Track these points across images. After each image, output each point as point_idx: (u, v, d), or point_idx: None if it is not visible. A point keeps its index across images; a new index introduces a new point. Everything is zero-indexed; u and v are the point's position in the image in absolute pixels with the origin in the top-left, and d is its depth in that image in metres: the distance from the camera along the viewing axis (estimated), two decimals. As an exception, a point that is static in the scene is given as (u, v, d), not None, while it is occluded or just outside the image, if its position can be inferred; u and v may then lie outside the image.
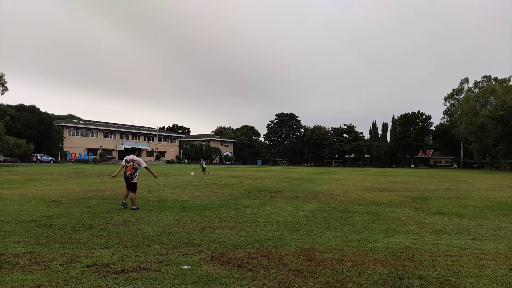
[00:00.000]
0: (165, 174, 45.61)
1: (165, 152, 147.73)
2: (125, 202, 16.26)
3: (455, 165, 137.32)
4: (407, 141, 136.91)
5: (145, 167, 16.56)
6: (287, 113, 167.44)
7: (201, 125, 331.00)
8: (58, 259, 7.57)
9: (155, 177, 17.72)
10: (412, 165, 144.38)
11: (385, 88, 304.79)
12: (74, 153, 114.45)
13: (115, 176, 16.57)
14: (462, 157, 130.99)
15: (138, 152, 17.17)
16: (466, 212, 16.28)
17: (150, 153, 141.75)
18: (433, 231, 11.86)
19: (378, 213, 15.58)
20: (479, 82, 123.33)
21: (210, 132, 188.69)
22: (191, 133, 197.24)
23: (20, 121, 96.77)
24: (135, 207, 15.88)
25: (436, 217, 14.67)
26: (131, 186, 16.22)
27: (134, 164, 16.28)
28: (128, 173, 16.18)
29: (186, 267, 7.19)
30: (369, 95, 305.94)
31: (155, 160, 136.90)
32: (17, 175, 37.49)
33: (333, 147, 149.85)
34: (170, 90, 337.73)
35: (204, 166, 49.14)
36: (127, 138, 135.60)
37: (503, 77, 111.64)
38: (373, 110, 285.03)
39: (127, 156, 16.52)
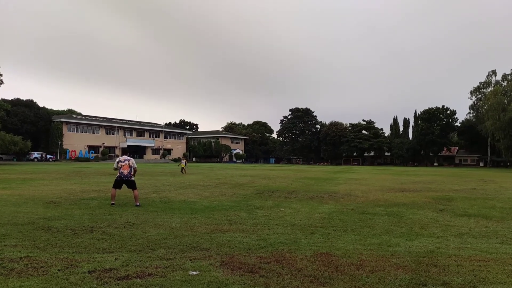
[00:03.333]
0: (172, 173, 45.75)
1: (172, 149, 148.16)
2: (114, 202, 17.05)
3: (481, 164, 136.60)
4: (430, 138, 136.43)
5: (135, 168, 17.70)
6: (302, 108, 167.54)
7: (210, 121, 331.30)
8: (57, 264, 7.57)
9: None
10: (435, 164, 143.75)
11: (407, 81, 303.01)
12: (74, 151, 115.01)
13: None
14: (489, 155, 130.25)
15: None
16: (493, 213, 16.20)
17: (155, 151, 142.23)
18: (458, 234, 11.81)
19: (399, 215, 15.55)
20: (508, 75, 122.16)
21: (219, 128, 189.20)
22: (199, 129, 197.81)
23: (17, 116, 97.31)
24: (138, 204, 16.84)
25: (461, 219, 14.61)
26: (131, 184, 17.27)
27: (130, 163, 17.37)
28: (126, 171, 17.21)
29: (194, 272, 7.18)
30: (390, 89, 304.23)
31: (161, 158, 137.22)
32: (13, 174, 37.75)
33: (351, 144, 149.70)
34: (177, 84, 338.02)
35: (183, 165, 49.24)
36: (131, 135, 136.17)
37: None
38: (393, 105, 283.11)
39: (120, 157, 17.75)
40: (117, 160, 17.62)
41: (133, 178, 17.35)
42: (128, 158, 17.60)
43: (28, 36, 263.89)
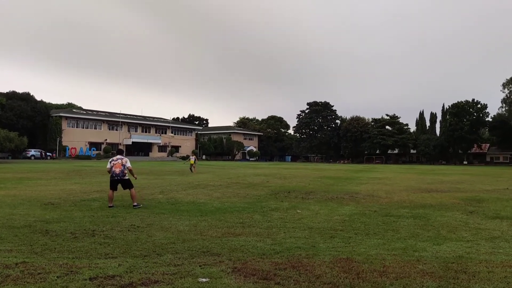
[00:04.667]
0: (180, 173, 45.84)
1: (180, 146, 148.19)
2: (112, 205, 17.10)
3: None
4: (459, 134, 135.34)
5: (129, 167, 17.78)
6: (320, 102, 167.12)
7: (221, 116, 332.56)
8: (56, 271, 7.58)
9: (135, 178, 18.75)
10: (465, 162, 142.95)
11: (434, 72, 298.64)
12: (75, 148, 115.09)
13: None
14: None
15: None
16: (529, 216, 16.12)
17: (162, 148, 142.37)
18: (490, 238, 11.77)
19: (425, 217, 15.51)
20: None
21: (231, 124, 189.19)
22: (209, 125, 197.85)
23: (12, 110, 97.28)
24: (136, 204, 16.97)
25: (493, 222, 14.55)
26: (126, 183, 17.52)
27: (123, 161, 17.60)
28: (118, 170, 17.43)
29: (204, 279, 7.18)
30: (415, 81, 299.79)
31: (168, 156, 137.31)
32: (8, 173, 37.92)
33: (373, 141, 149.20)
34: (185, 76, 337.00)
35: (192, 161, 48.95)
36: (136, 131, 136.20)
37: None
38: (420, 98, 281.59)
39: (113, 157, 18.11)
40: (110, 160, 17.96)
41: (127, 177, 17.53)
42: (121, 157, 17.87)
43: (24, 24, 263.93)
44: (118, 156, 17.82)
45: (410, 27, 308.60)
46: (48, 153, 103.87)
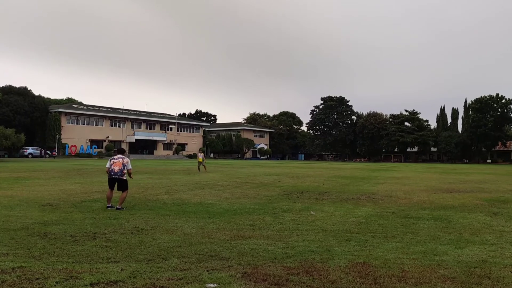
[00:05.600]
0: (186, 172, 45.88)
1: (186, 144, 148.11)
2: (110, 205, 17.12)
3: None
4: (482, 131, 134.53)
5: (130, 169, 17.83)
6: (335, 97, 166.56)
7: (230, 112, 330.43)
8: (55, 276, 7.58)
9: (131, 178, 18.59)
10: (489, 160, 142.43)
11: (456, 66, 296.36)
12: (75, 146, 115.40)
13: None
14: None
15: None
16: (556, 218, 16.04)
17: (167, 146, 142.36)
18: (516, 241, 11.71)
19: (447, 219, 15.46)
20: None
21: (241, 120, 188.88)
22: (217, 121, 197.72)
23: (8, 106, 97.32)
24: (120, 207, 16.82)
25: (519, 224, 14.49)
26: (122, 184, 17.43)
27: (123, 161, 17.56)
28: (117, 168, 17.40)
29: (212, 285, 7.18)
30: (436, 75, 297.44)
31: (173, 154, 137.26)
32: (4, 173, 37.94)
33: (392, 138, 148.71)
34: (192, 69, 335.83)
35: (201, 159, 48.79)
36: (140, 127, 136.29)
37: None
38: (440, 93, 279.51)
39: (114, 156, 18.15)
40: (110, 158, 18.03)
41: (125, 178, 17.51)
42: (123, 156, 17.87)
43: (21, 13, 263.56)
44: (119, 155, 17.84)
45: (432, 18, 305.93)
46: (47, 151, 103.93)
